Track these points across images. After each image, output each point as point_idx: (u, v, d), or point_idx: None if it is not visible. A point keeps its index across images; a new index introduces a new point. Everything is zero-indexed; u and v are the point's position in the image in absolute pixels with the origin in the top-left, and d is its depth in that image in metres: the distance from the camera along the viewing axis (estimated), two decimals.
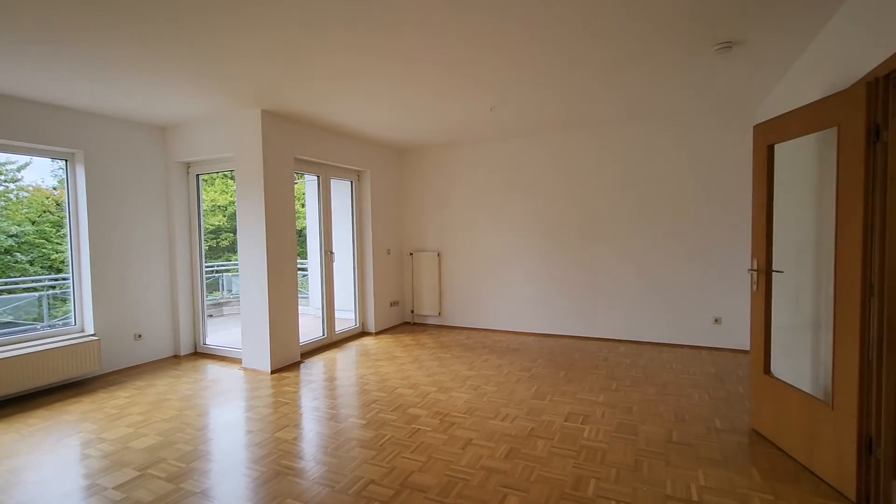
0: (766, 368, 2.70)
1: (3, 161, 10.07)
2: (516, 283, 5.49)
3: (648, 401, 3.30)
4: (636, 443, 2.68)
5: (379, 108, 4.05)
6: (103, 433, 2.93)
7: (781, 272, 2.67)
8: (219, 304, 7.90)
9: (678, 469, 2.39)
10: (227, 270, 9.49)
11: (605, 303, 5.04)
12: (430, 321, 6.12)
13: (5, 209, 10.17)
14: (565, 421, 2.99)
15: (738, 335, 4.48)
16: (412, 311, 6.16)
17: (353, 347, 5.03)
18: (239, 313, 4.41)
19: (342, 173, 5.37)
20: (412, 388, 3.65)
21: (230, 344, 4.80)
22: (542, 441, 2.72)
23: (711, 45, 2.83)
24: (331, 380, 3.96)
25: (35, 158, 10.47)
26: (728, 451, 2.57)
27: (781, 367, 2.70)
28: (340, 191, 5.61)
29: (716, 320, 4.58)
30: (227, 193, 14.13)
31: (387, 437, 2.80)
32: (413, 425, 2.97)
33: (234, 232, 14.20)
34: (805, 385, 2.53)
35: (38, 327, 4.92)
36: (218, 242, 13.86)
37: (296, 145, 4.44)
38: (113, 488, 2.29)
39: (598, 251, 5.04)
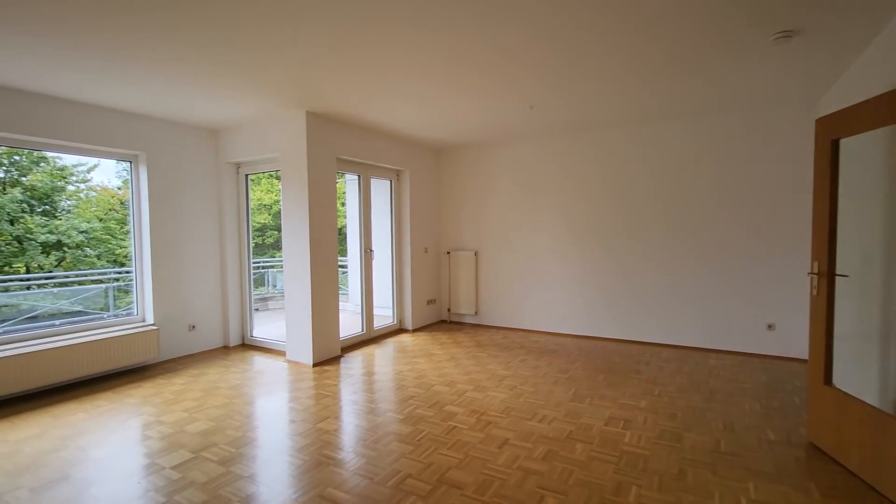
0: (828, 379, 2.53)
1: (74, 163, 10.93)
2: (554, 283, 5.41)
3: (694, 408, 3.17)
4: (681, 451, 2.58)
5: (417, 107, 4.09)
6: (162, 416, 3.13)
7: (846, 276, 2.50)
8: (264, 299, 8.25)
9: (726, 480, 2.29)
10: (272, 267, 9.87)
11: (647, 305, 4.88)
12: (467, 320, 6.13)
13: (76, 208, 11.04)
14: (605, 425, 2.93)
15: (794, 342, 4.21)
16: (449, 310, 6.20)
17: (390, 344, 5.12)
18: (282, 308, 4.59)
19: (382, 172, 5.47)
20: (449, 386, 3.68)
21: (275, 337, 5.00)
22: (581, 444, 2.67)
23: (769, 34, 2.67)
24: (369, 375, 4.06)
25: (102, 160, 11.30)
26: (782, 464, 2.43)
27: (844, 377, 2.52)
28: (380, 190, 5.72)
29: (769, 326, 4.32)
30: (271, 192, 14.72)
31: (424, 433, 2.84)
32: (450, 422, 2.99)
33: (278, 230, 14.78)
34: (871, 398, 2.35)
35: (105, 316, 5.32)
36: (263, 240, 14.47)
37: (338, 145, 4.57)
38: (170, 468, 2.45)
39: (641, 251, 4.88)
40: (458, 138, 5.47)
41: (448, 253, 6.17)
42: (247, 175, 5.03)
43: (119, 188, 12.11)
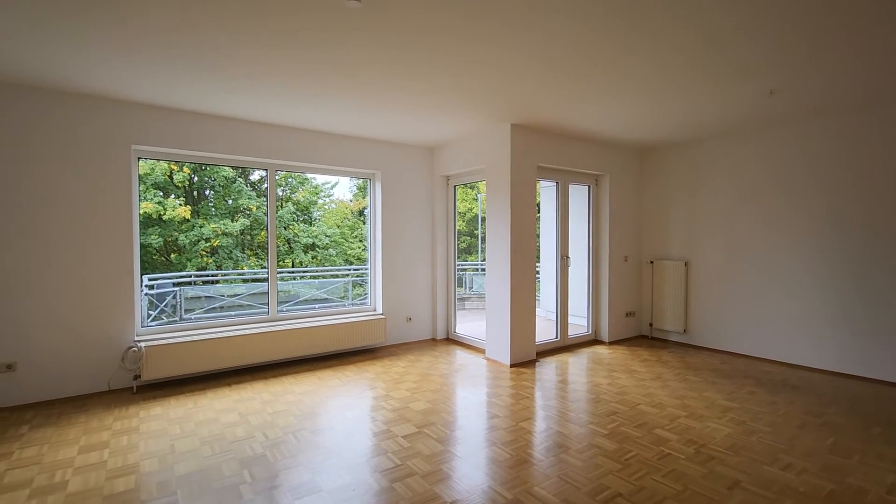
0: None
1: (323, 182, 13.95)
2: (792, 302, 4.40)
3: None
4: None
5: (624, 108, 3.89)
6: (391, 392, 3.73)
7: None
8: (461, 299, 9.00)
9: None
10: (465, 270, 10.70)
11: None
12: (672, 338, 5.49)
13: (323, 217, 14.05)
14: (888, 493, 2.25)
15: None
16: (651, 325, 5.66)
17: (584, 354, 4.97)
18: (478, 308, 4.92)
19: (580, 178, 5.37)
20: (657, 408, 3.37)
21: (474, 334, 5.41)
22: None
23: None
24: (566, 382, 4.02)
25: (341, 179, 14.09)
26: None
27: None
28: (576, 195, 5.61)
29: None
30: (465, 201, 16.00)
31: (632, 454, 2.67)
32: (661, 448, 2.74)
33: (471, 235, 15.94)
34: None
35: (346, 304, 6.63)
36: (458, 245, 15.79)
37: (538, 154, 4.68)
38: (401, 437, 2.90)
39: None
40: (668, 137, 4.97)
41: (651, 262, 5.65)
42: (455, 186, 5.59)
43: (350, 201, 14.96)
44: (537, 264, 7.76)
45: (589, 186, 5.51)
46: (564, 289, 5.22)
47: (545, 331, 5.39)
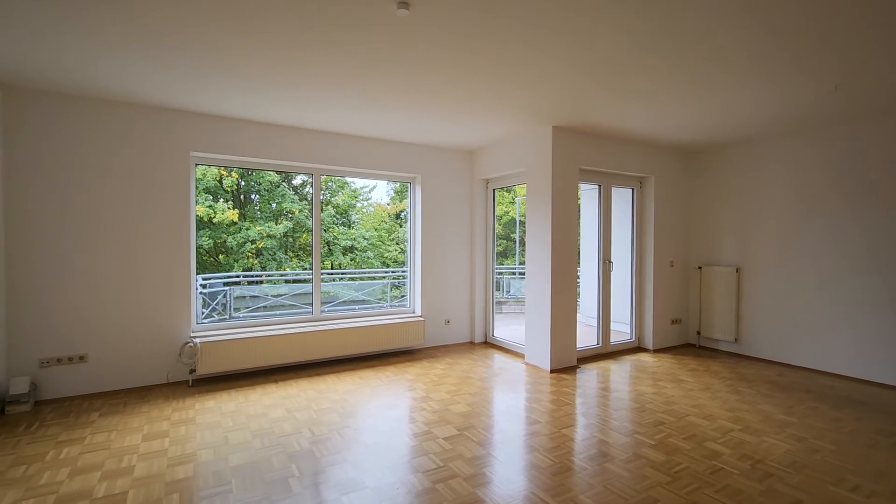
0: None
1: (361, 186, 14.26)
2: (860, 314, 4.10)
3: None
4: None
5: (678, 106, 3.75)
6: (430, 394, 3.76)
7: None
8: (499, 303, 8.95)
9: None
10: (502, 274, 10.63)
11: None
12: (722, 347, 5.24)
13: (361, 220, 14.35)
14: None
15: None
16: (698, 333, 5.43)
17: (627, 362, 4.83)
18: (515, 312, 4.88)
19: (623, 181, 5.23)
20: (707, 420, 3.22)
21: (512, 338, 5.37)
22: None
23: None
24: (609, 390, 3.91)
25: (379, 182, 14.37)
26: None
27: None
28: (618, 199, 5.47)
29: None
30: (501, 204, 15.91)
31: (682, 466, 2.57)
32: (713, 462, 2.62)
33: (507, 239, 15.83)
34: None
35: (384, 305, 6.74)
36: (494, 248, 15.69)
37: (580, 156, 4.60)
38: (442, 438, 2.91)
39: None
40: (719, 137, 4.77)
41: (699, 268, 5.42)
42: (494, 189, 5.58)
43: (387, 204, 15.21)
44: (577, 268, 7.62)
45: (633, 189, 5.36)
46: (607, 294, 5.09)
47: (586, 337, 5.27)
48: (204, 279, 6.76)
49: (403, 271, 5.62)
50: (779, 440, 2.91)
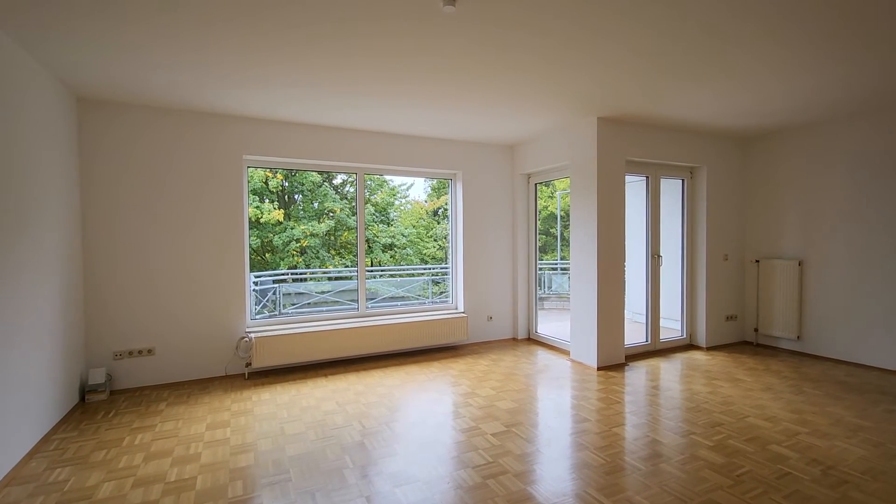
0: None
1: (399, 183, 14.42)
2: None
3: None
4: None
5: (737, 90, 3.53)
6: (476, 390, 3.77)
7: None
8: (541, 299, 8.82)
9: None
10: (542, 269, 10.47)
11: None
12: (783, 345, 4.94)
13: (400, 218, 14.53)
14: None
15: None
16: (756, 330, 5.15)
17: (678, 360, 4.64)
18: (557, 308, 4.79)
19: (672, 171, 5.02)
20: (770, 422, 3.06)
21: (555, 334, 5.29)
22: None
23: None
24: (660, 389, 3.78)
25: (417, 180, 14.48)
26: None
27: None
28: (667, 190, 5.26)
29: None
30: (540, 199, 15.64)
31: (744, 470, 2.45)
32: (779, 466, 2.48)
33: (546, 234, 15.57)
34: None
35: (426, 302, 6.81)
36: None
37: (626, 147, 4.45)
38: (491, 434, 2.92)
39: None
40: (779, 122, 4.48)
41: (757, 261, 5.13)
42: (536, 184, 5.50)
43: (425, 201, 15.31)
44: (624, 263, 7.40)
45: (683, 180, 5.13)
46: (656, 289, 4.91)
47: (634, 333, 5.11)
48: (255, 277, 7.07)
49: (444, 268, 5.65)
50: (852, 445, 2.72)
